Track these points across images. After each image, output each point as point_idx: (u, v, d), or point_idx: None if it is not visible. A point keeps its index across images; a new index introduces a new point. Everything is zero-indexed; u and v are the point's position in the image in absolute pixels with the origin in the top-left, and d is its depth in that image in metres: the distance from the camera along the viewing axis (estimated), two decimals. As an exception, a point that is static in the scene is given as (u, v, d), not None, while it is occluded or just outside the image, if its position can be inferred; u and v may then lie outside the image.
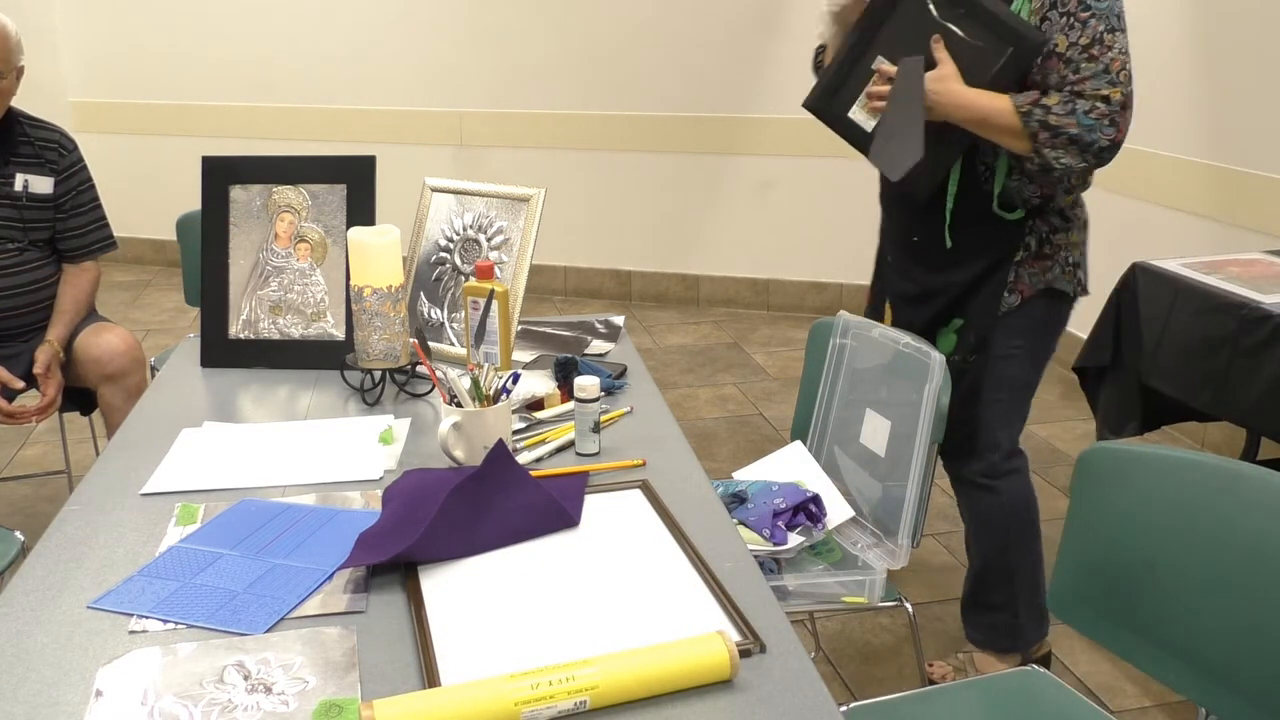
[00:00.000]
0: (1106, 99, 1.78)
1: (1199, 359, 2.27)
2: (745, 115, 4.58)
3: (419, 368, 1.83)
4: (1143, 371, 2.41)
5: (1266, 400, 2.13)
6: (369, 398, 1.79)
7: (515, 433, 1.63)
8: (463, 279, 1.94)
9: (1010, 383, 2.03)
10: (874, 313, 2.20)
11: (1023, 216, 1.95)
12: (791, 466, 1.94)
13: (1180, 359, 2.31)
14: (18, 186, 2.46)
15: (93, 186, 2.62)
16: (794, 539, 1.75)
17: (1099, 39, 1.79)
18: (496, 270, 1.85)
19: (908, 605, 1.84)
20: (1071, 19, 1.79)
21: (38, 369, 2.42)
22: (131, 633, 1.15)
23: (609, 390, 1.79)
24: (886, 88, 1.88)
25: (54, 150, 2.53)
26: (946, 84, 1.83)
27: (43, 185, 2.50)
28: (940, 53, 1.85)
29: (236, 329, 1.95)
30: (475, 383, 1.50)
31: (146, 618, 1.17)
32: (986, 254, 1.97)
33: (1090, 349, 2.52)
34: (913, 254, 2.06)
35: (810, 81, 2.07)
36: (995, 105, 1.81)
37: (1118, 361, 2.49)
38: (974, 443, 2.06)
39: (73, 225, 2.56)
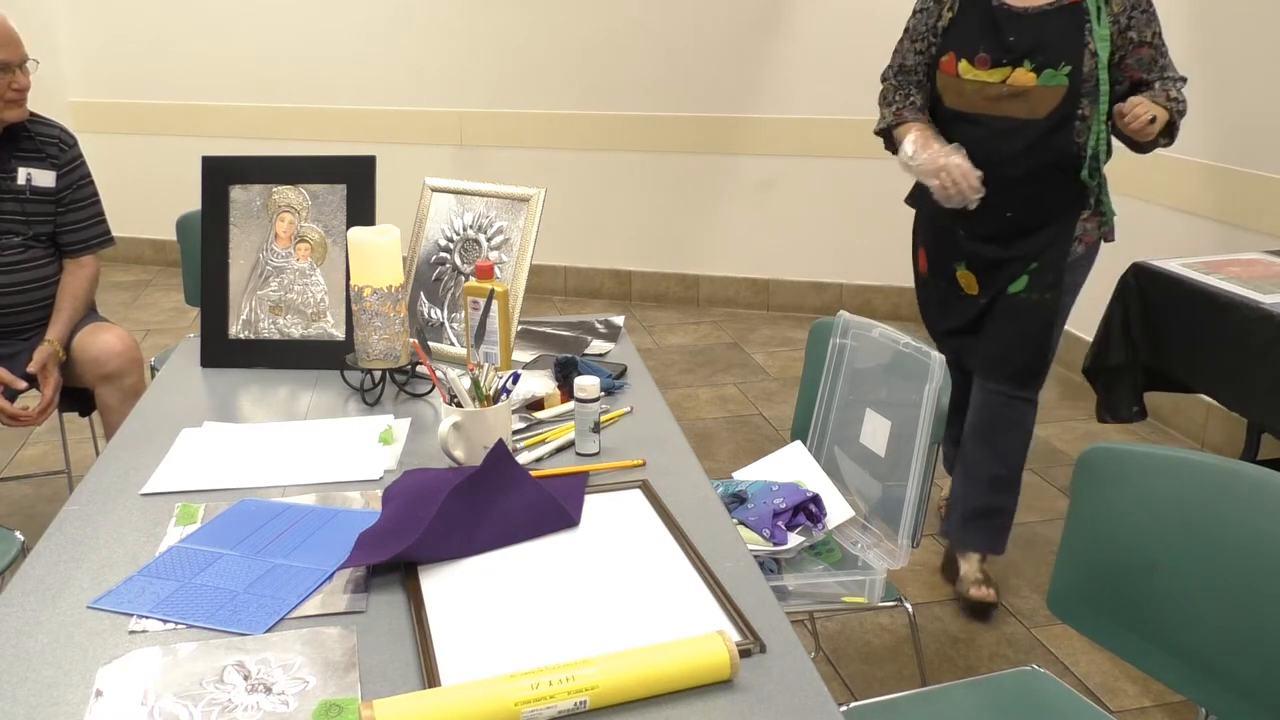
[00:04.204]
0: (1183, 78, 2.28)
1: (1212, 358, 2.27)
2: (745, 115, 4.57)
3: (419, 368, 1.83)
4: (1173, 369, 2.41)
5: (1274, 400, 2.13)
6: (369, 398, 1.79)
7: (515, 433, 1.63)
8: (463, 279, 1.94)
9: (1066, 314, 2.44)
10: (938, 283, 2.54)
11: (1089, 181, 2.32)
12: (791, 466, 1.94)
13: (1198, 358, 2.31)
14: (20, 180, 2.48)
15: (92, 183, 2.63)
16: (794, 539, 1.75)
17: (1160, 29, 2.25)
18: (496, 270, 1.85)
19: (908, 605, 1.84)
20: (1148, 15, 2.23)
21: (33, 367, 2.42)
22: (131, 633, 1.15)
23: (609, 390, 1.79)
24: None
25: (55, 145, 2.54)
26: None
27: (45, 179, 2.51)
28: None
29: (236, 329, 1.95)
30: (475, 383, 1.50)
31: (146, 618, 1.17)
32: (1065, 216, 2.35)
33: (1103, 350, 2.52)
34: (1006, 226, 2.37)
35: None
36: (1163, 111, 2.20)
37: (1131, 359, 2.49)
38: (1040, 364, 2.44)
39: (71, 220, 2.57)
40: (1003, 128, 2.27)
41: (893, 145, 2.44)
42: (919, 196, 2.51)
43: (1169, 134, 2.25)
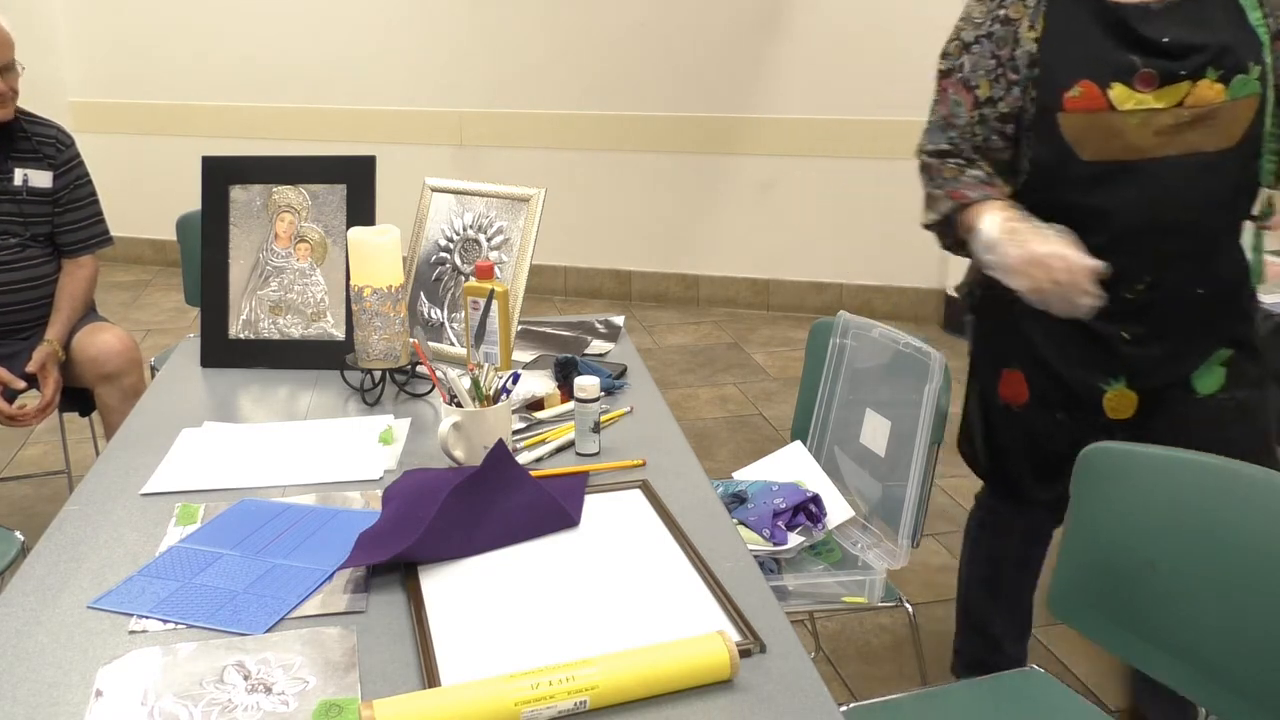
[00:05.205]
0: None
1: None
2: (745, 115, 4.57)
3: (419, 368, 1.83)
4: None
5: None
6: (369, 398, 1.79)
7: (515, 433, 1.63)
8: (463, 279, 1.94)
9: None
10: (1052, 416, 1.78)
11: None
12: (791, 466, 1.94)
13: None
14: (17, 181, 2.47)
15: (90, 182, 2.63)
16: (794, 539, 1.75)
17: None
18: (496, 270, 1.85)
19: (908, 605, 1.84)
20: None
21: (32, 367, 2.42)
22: (131, 633, 1.15)
23: (609, 390, 1.79)
24: None
25: (51, 145, 2.54)
26: None
27: (42, 179, 2.51)
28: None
29: (236, 329, 1.95)
30: (475, 383, 1.50)
31: (146, 618, 1.17)
32: (1242, 270, 1.73)
33: None
34: (1192, 308, 1.68)
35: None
36: None
37: None
38: None
39: (69, 220, 2.57)
40: (1185, 172, 1.59)
41: (952, 235, 1.74)
42: (1003, 300, 1.69)
43: None
